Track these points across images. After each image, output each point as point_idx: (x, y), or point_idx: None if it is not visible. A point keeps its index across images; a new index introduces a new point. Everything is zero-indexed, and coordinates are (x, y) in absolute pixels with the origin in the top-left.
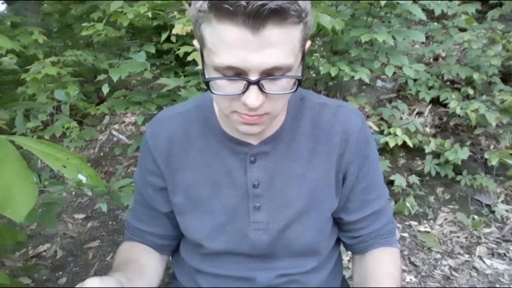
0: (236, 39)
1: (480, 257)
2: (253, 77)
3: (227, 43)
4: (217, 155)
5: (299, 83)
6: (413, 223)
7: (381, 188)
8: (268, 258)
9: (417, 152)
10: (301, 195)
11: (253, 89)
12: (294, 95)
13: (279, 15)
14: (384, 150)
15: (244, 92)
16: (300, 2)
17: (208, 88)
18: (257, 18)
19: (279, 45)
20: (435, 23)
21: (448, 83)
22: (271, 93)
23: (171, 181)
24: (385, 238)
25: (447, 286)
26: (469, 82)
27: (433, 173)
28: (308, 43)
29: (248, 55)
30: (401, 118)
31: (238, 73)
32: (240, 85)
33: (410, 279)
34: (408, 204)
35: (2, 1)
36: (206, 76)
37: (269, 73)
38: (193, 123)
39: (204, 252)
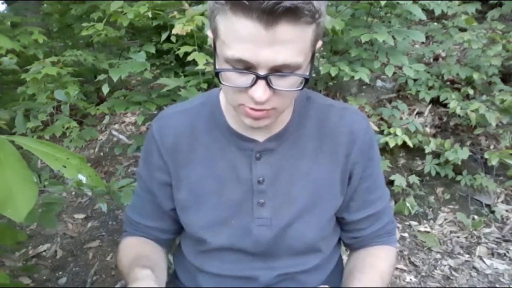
0: (249, 33)
1: (480, 257)
2: (262, 72)
3: (240, 37)
4: (222, 151)
5: (306, 81)
6: (413, 223)
7: (383, 189)
8: (269, 257)
9: (417, 152)
10: (305, 193)
11: (261, 83)
12: (300, 95)
13: (293, 13)
14: (384, 150)
15: (252, 86)
16: (315, 3)
17: (218, 78)
18: (271, 15)
19: (290, 43)
20: (435, 23)
21: (448, 83)
22: (278, 89)
23: (176, 176)
24: (383, 238)
25: (447, 286)
26: (469, 82)
27: (433, 173)
28: (319, 43)
29: (259, 49)
30: (401, 118)
31: (247, 67)
32: (248, 78)
33: (410, 279)
34: (408, 204)
35: (2, 1)
36: (217, 67)
37: (278, 70)
38: (199, 119)
39: (206, 248)
